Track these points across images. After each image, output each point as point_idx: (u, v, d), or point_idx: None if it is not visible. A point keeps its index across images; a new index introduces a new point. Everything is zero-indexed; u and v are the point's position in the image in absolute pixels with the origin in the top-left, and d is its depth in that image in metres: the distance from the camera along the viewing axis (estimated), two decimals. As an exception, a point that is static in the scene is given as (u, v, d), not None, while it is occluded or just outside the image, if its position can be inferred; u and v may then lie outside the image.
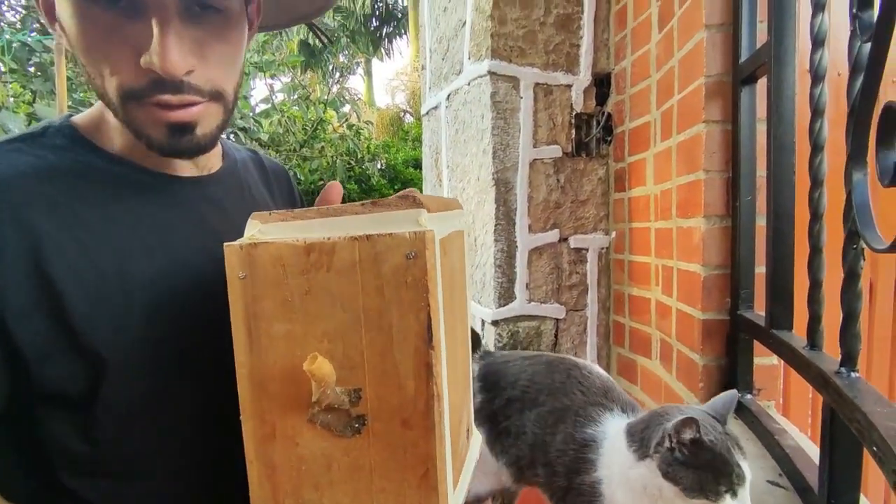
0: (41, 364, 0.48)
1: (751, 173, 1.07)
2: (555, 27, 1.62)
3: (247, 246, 0.44)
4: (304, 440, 0.45)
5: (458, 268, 0.54)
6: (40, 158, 0.52)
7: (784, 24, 0.93)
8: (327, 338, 0.44)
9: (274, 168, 0.79)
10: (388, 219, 0.43)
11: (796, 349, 0.84)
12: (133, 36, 0.47)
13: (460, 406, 0.54)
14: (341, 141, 6.26)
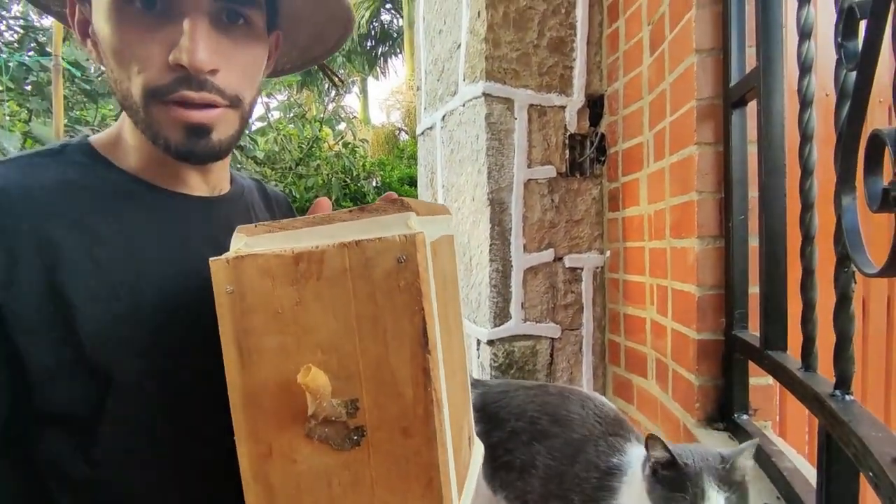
0: (46, 382, 0.48)
1: (743, 194, 1.09)
2: (548, 50, 1.65)
3: (233, 259, 0.42)
4: (302, 456, 0.44)
5: (449, 271, 0.53)
6: (62, 173, 0.53)
7: (772, 50, 0.95)
8: (321, 349, 0.42)
9: (276, 196, 0.81)
10: (377, 224, 0.43)
11: (791, 371, 0.85)
12: (165, 36, 0.50)
13: (460, 413, 0.53)
14: (337, 159, 6.30)
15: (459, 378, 0.55)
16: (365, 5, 12.87)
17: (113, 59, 0.52)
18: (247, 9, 0.54)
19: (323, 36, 0.70)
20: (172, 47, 0.50)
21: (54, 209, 0.50)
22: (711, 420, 1.16)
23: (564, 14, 1.65)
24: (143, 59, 0.51)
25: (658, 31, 1.32)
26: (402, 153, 9.11)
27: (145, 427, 0.52)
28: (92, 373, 0.49)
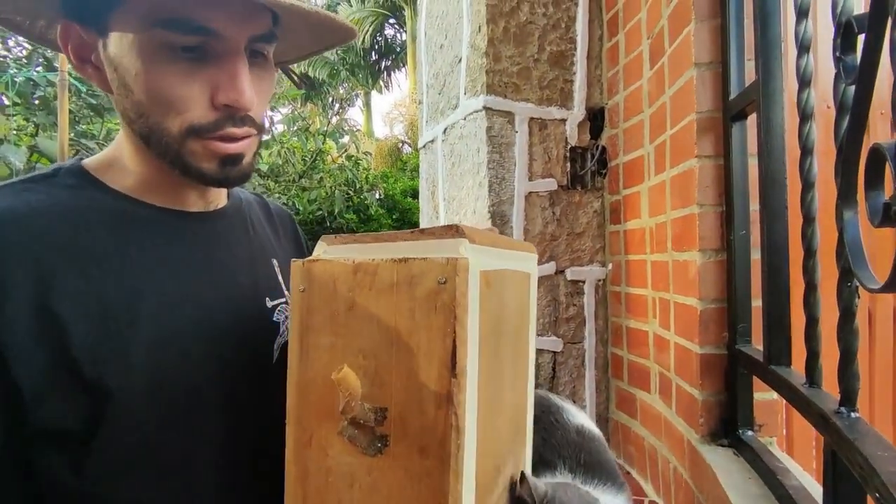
0: (40, 400, 0.48)
1: (744, 207, 1.08)
2: (548, 63, 1.66)
3: (308, 262, 0.48)
4: (334, 452, 0.47)
5: (512, 308, 0.53)
6: (52, 196, 0.54)
7: (771, 63, 0.95)
8: (362, 354, 0.45)
9: (278, 211, 0.82)
10: (432, 246, 0.45)
11: (795, 386, 0.83)
12: (207, 77, 0.53)
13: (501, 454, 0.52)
14: (340, 171, 6.33)
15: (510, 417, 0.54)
16: (369, 20, 13.03)
17: (146, 97, 0.53)
18: (269, 45, 0.58)
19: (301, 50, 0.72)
20: (214, 87, 0.53)
21: (45, 232, 0.51)
22: (715, 436, 1.14)
23: (564, 28, 1.66)
24: (186, 99, 0.53)
25: (657, 45, 1.33)
26: (405, 165, 9.15)
27: (140, 442, 0.52)
28: (88, 391, 0.50)
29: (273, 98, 6.42)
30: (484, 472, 0.47)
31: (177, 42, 0.51)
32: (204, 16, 0.51)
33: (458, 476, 0.42)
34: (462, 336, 0.42)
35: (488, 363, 0.47)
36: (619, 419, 1.64)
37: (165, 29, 0.51)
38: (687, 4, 1.16)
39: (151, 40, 0.51)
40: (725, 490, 0.97)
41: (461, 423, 0.42)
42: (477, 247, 0.46)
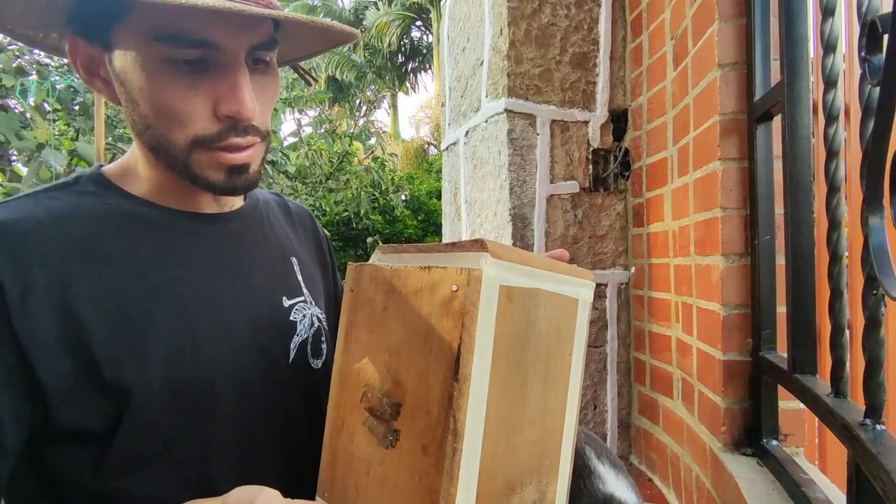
0: (63, 400, 0.50)
1: (769, 211, 1.05)
2: (571, 65, 1.65)
3: (358, 266, 0.53)
4: (357, 439, 0.50)
5: (546, 329, 0.52)
6: (72, 203, 0.56)
7: (797, 64, 0.93)
8: (389, 352, 0.49)
9: (298, 210, 0.82)
10: (458, 258, 0.47)
11: (819, 396, 0.81)
12: (209, 90, 0.54)
13: (520, 474, 0.51)
14: (366, 173, 6.39)
15: (535, 444, 0.53)
16: (395, 23, 13.12)
17: (151, 111, 0.54)
18: (271, 52, 0.58)
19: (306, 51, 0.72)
20: (216, 99, 0.54)
21: (65, 238, 0.53)
22: (739, 445, 1.11)
23: (587, 30, 1.65)
24: (189, 112, 0.54)
25: (681, 46, 1.31)
26: (430, 167, 9.19)
27: (156, 440, 0.54)
28: (107, 391, 0.51)
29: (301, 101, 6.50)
30: (490, 483, 0.47)
31: (177, 56, 0.52)
32: (202, 29, 0.51)
33: (452, 478, 0.43)
34: (468, 343, 0.43)
35: (506, 377, 0.47)
36: (642, 425, 1.62)
37: (165, 44, 0.51)
38: (711, 4, 1.14)
39: (153, 55, 0.52)
40: (748, 501, 0.95)
41: (459, 427, 0.43)
42: (501, 262, 0.46)
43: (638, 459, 1.65)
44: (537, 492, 0.54)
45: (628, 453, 1.69)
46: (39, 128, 2.85)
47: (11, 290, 0.49)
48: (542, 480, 0.55)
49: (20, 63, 2.99)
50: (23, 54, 3.09)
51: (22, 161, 3.27)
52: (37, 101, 2.96)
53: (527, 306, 0.50)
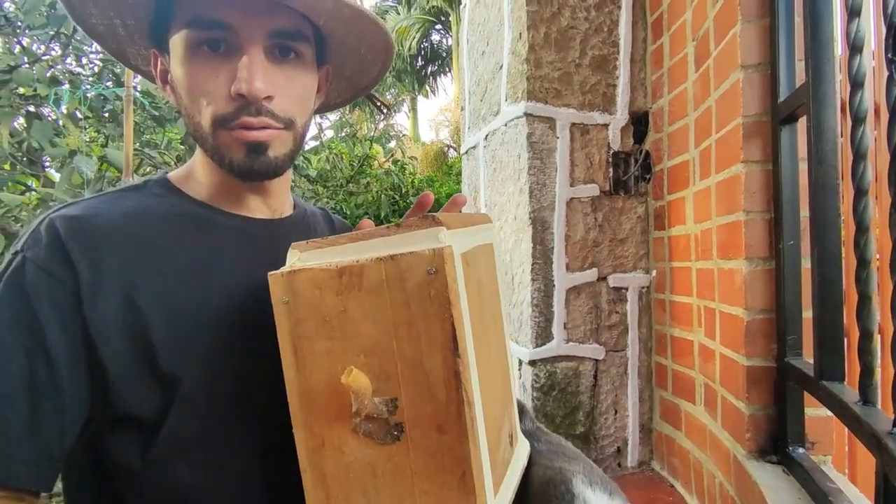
0: (121, 384, 0.54)
1: (794, 214, 1.04)
2: (591, 68, 1.64)
3: (287, 273, 0.48)
4: (349, 449, 0.48)
5: (486, 278, 0.56)
6: (140, 203, 0.61)
7: (822, 65, 0.91)
8: (363, 352, 0.47)
9: (340, 225, 0.87)
10: (411, 239, 0.46)
11: (847, 404, 0.79)
12: (228, 72, 0.57)
13: (499, 412, 0.55)
14: (386, 176, 6.43)
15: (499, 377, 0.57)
16: (416, 27, 13.19)
17: (186, 97, 0.59)
18: (297, 43, 0.60)
19: (366, 65, 0.75)
20: (232, 79, 0.57)
21: (133, 234, 0.58)
22: (764, 452, 1.09)
23: (607, 32, 1.64)
24: (210, 93, 0.57)
25: (703, 47, 1.29)
26: (450, 170, 9.21)
27: (198, 430, 0.57)
28: (161, 377, 0.55)
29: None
30: (491, 434, 0.50)
31: (199, 38, 0.56)
32: (216, 11, 0.56)
33: (476, 445, 0.45)
34: (459, 318, 0.44)
35: (479, 335, 0.50)
36: (664, 430, 1.60)
37: (189, 28, 0.56)
38: (733, 5, 1.13)
39: (183, 42, 0.57)
40: (773, 509, 0.93)
41: (471, 397, 0.45)
42: (453, 232, 0.47)
43: (660, 465, 1.63)
44: (509, 421, 0.58)
45: (650, 459, 1.67)
46: (72, 135, 2.94)
47: (85, 280, 0.53)
48: (508, 410, 0.59)
49: (53, 73, 3.09)
50: (56, 64, 3.19)
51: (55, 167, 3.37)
52: (69, 109, 3.06)
53: (475, 265, 0.52)
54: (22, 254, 0.54)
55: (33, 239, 0.54)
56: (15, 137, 3.21)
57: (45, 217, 0.56)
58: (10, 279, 0.53)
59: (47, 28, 3.10)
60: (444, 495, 0.46)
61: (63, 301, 0.53)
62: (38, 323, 0.52)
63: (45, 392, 0.51)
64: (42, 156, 3.33)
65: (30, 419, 0.51)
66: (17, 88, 2.93)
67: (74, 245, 0.54)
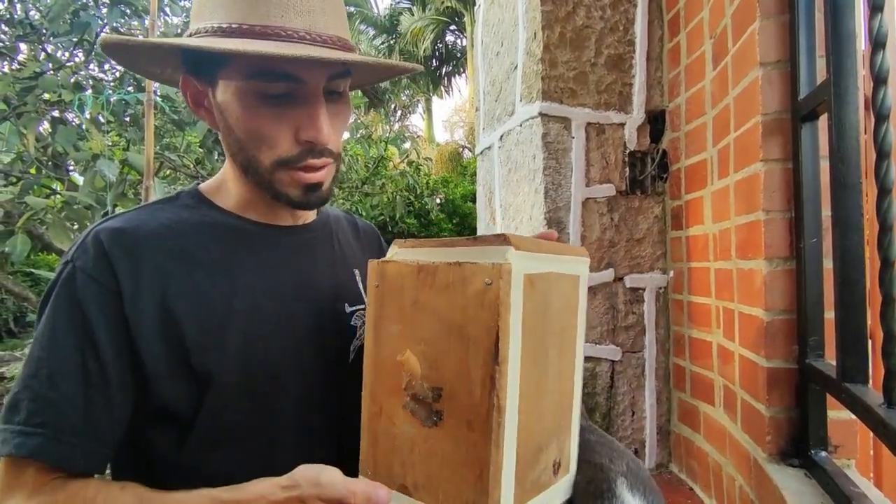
0: (158, 381, 0.59)
1: (815, 213, 1.02)
2: (606, 67, 1.63)
3: (381, 263, 0.57)
4: (398, 422, 0.55)
5: (558, 305, 0.59)
6: (174, 214, 0.66)
7: (844, 61, 0.90)
8: (423, 341, 0.53)
9: (365, 228, 0.92)
10: (484, 252, 0.51)
11: (870, 406, 0.78)
12: (291, 119, 0.62)
13: (542, 435, 0.57)
14: (401, 177, 6.45)
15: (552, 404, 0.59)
16: (430, 28, 13.22)
17: (244, 135, 0.64)
18: (343, 82, 0.66)
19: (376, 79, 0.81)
20: (297, 127, 0.62)
21: (168, 243, 0.63)
22: (785, 455, 1.08)
23: (623, 31, 1.63)
24: (274, 137, 0.62)
25: (721, 44, 1.28)
26: (465, 170, 9.20)
27: (230, 424, 0.62)
28: (194, 377, 0.60)
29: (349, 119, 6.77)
30: (525, 448, 0.53)
31: (268, 90, 0.61)
32: (289, 66, 0.60)
33: (498, 448, 0.49)
34: (504, 329, 0.48)
35: (532, 354, 0.53)
36: (682, 432, 1.58)
37: (258, 79, 0.60)
38: (751, 1, 1.11)
39: (249, 89, 0.61)
40: (795, 513, 0.92)
41: (502, 403, 0.48)
42: (522, 253, 0.51)
43: (678, 468, 1.61)
44: (557, 449, 0.61)
45: (668, 461, 1.65)
46: (94, 139, 3.00)
47: (127, 285, 0.59)
48: (560, 438, 0.61)
49: (77, 79, 3.16)
50: (79, 70, 3.27)
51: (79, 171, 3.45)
52: (92, 114, 3.12)
53: (543, 289, 0.55)
54: (72, 263, 0.60)
55: (82, 249, 0.60)
56: (41, 142, 3.30)
57: (92, 229, 0.62)
58: (63, 286, 0.59)
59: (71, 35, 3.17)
60: (462, 488, 0.50)
61: (109, 305, 0.58)
62: (90, 325, 0.57)
63: (97, 386, 0.57)
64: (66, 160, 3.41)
65: (85, 411, 0.56)
66: (43, 94, 3.01)
67: (117, 254, 0.59)
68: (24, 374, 0.57)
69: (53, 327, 0.58)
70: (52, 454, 0.55)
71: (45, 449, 0.54)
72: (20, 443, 0.54)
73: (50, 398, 0.55)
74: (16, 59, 3.39)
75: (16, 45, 3.36)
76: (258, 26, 0.59)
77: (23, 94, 2.95)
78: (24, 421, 0.55)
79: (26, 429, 0.54)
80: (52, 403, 0.55)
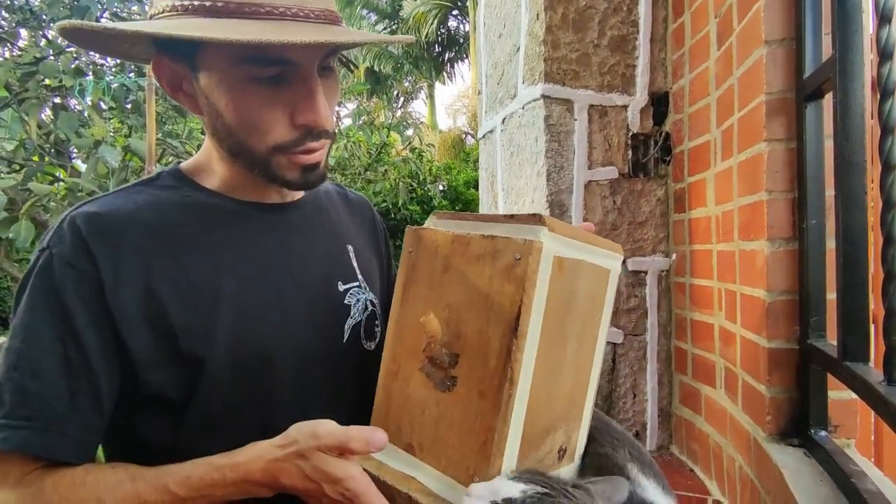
0: (147, 368, 0.58)
1: (819, 193, 1.01)
2: (609, 49, 1.61)
3: (417, 229, 0.58)
4: (413, 382, 0.56)
5: (585, 295, 0.59)
6: (154, 196, 0.64)
7: (850, 37, 0.88)
8: (448, 308, 0.54)
9: (357, 200, 0.88)
10: (518, 229, 0.52)
11: (871, 384, 0.78)
12: (286, 101, 0.59)
13: (552, 418, 0.58)
14: (404, 164, 6.43)
15: (566, 390, 0.59)
16: (433, 13, 13.09)
17: (235, 122, 0.60)
18: (333, 58, 0.63)
19: None
20: (293, 109, 0.59)
21: (149, 226, 0.60)
22: (785, 435, 1.08)
23: (626, 12, 1.61)
24: (269, 122, 0.59)
25: (726, 24, 1.26)
26: (468, 157, 9.16)
27: (223, 408, 0.60)
28: (184, 360, 0.58)
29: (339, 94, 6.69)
30: (532, 427, 0.53)
31: (261, 74, 0.57)
32: (284, 50, 0.56)
33: (505, 421, 0.49)
34: (527, 305, 0.48)
35: (551, 335, 0.53)
36: (683, 414, 1.59)
37: (250, 64, 0.57)
38: (757, -21, 1.09)
39: (239, 75, 0.57)
40: (793, 492, 0.92)
41: (515, 376, 0.49)
42: (555, 235, 0.51)
43: (679, 449, 1.62)
44: (565, 435, 0.61)
45: (669, 443, 1.66)
46: (96, 125, 3.00)
47: (107, 272, 0.56)
48: (569, 426, 0.61)
49: (78, 64, 3.15)
50: (80, 56, 3.25)
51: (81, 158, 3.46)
52: (94, 99, 3.12)
53: (572, 275, 0.55)
54: (48, 250, 0.57)
55: (58, 236, 0.58)
56: (43, 129, 3.30)
57: (67, 215, 0.59)
58: (40, 275, 0.57)
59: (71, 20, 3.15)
60: (465, 453, 0.51)
61: (88, 292, 0.56)
62: (69, 313, 0.55)
63: (80, 376, 0.56)
64: (69, 147, 3.42)
65: (70, 400, 0.55)
66: (44, 80, 3.00)
67: (94, 240, 0.57)
68: (5, 367, 0.55)
69: (32, 317, 0.56)
70: (39, 446, 0.53)
71: (31, 441, 0.53)
72: (6, 437, 0.53)
73: (33, 390, 0.54)
74: (16, 45, 3.38)
75: (16, 30, 3.35)
76: (246, 4, 0.54)
77: (24, 79, 2.94)
78: (8, 414, 0.53)
79: (11, 422, 0.53)
80: (35, 395, 0.54)
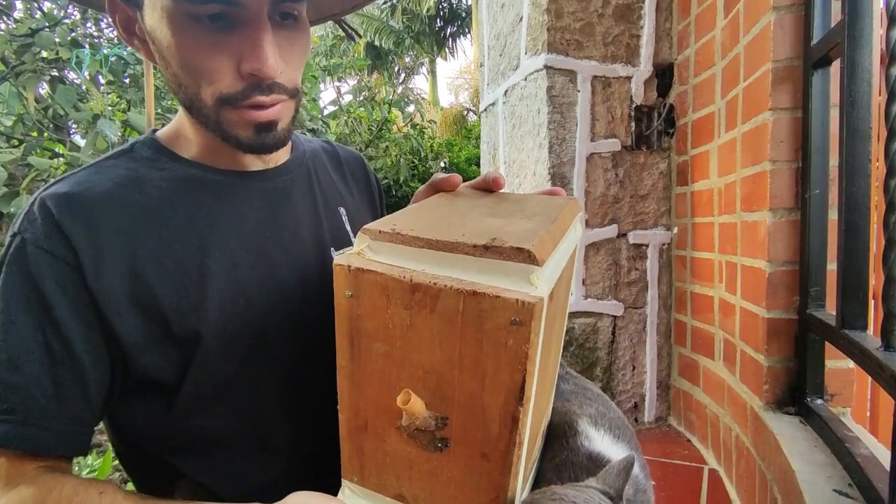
0: (138, 351, 0.54)
1: (823, 163, 1.00)
2: (614, 18, 1.58)
3: (355, 270, 0.44)
4: (391, 441, 0.48)
5: (562, 293, 0.51)
6: (130, 170, 0.59)
7: (860, 1, 0.87)
8: (423, 368, 0.44)
9: (347, 156, 0.82)
10: (500, 269, 0.41)
11: (868, 350, 0.79)
12: (233, 47, 0.53)
13: (541, 424, 0.55)
14: (405, 140, 6.38)
15: (547, 389, 0.55)
16: (434, -14, 12.82)
17: (180, 69, 0.55)
18: (297, 4, 0.56)
19: None
20: (240, 57, 0.53)
21: (127, 203, 0.56)
22: (781, 403, 1.10)
23: (632, -21, 1.57)
24: (214, 70, 0.53)
25: (733, -10, 1.24)
26: (469, 133, 9.08)
27: (218, 384, 0.58)
28: (177, 341, 0.55)
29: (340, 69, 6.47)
30: (530, 451, 0.50)
31: (199, 11, 0.51)
32: None
33: (516, 477, 0.45)
34: (531, 371, 0.42)
35: (543, 364, 0.47)
36: (682, 386, 1.60)
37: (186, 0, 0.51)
38: (766, -58, 1.07)
39: (177, 11, 0.52)
40: (788, 457, 0.94)
41: (522, 438, 0.44)
42: (545, 270, 0.42)
43: (677, 420, 1.64)
44: (545, 422, 0.57)
45: (667, 414, 1.69)
46: (95, 99, 2.97)
47: (86, 256, 0.52)
48: (545, 411, 0.57)
49: (74, 36, 3.11)
50: (76, 27, 3.20)
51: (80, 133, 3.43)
52: (91, 72, 3.08)
53: (558, 292, 0.47)
54: (20, 235, 0.53)
55: (29, 220, 0.54)
56: (41, 104, 3.26)
57: (38, 196, 0.55)
58: (13, 261, 0.53)
59: (66, -9, 3.10)
60: None
61: (67, 277, 0.52)
62: (47, 301, 0.52)
63: (64, 365, 0.52)
64: (68, 121, 3.38)
65: (55, 392, 0.52)
66: (40, 52, 2.96)
67: (68, 222, 0.53)
68: None
69: (7, 307, 0.52)
70: (24, 441, 0.50)
71: (14, 436, 0.50)
72: None
73: (13, 382, 0.51)
74: (11, 17, 3.33)
75: (12, 2, 3.29)
76: None
77: (21, 51, 2.90)
78: None
79: None
80: (16, 388, 0.51)
